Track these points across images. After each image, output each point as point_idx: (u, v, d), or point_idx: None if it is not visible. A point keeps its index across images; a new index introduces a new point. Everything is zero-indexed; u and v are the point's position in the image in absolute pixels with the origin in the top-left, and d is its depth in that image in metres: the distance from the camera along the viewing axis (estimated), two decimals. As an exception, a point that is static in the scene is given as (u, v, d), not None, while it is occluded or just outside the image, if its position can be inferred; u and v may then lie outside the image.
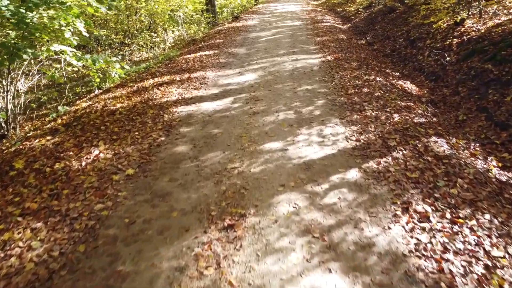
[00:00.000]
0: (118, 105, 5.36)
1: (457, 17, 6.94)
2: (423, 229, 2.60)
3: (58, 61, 6.51)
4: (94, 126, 4.56)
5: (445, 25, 7.56)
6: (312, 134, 4.16)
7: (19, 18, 4.06)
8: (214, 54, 8.65)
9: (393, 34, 9.45)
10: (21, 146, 4.16)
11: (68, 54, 4.80)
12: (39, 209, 2.87)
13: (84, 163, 3.59)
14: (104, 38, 11.75)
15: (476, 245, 2.45)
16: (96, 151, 3.83)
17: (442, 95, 5.71)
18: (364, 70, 6.67)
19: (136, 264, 2.36)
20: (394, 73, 7.03)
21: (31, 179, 3.33)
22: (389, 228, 2.63)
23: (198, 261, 2.36)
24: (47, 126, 4.93)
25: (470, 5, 7.29)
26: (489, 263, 2.30)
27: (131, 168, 3.51)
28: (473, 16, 7.37)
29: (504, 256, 2.37)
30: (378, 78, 6.17)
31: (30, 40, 4.72)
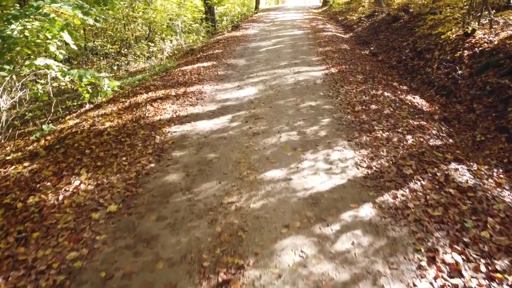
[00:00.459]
0: (107, 124, 4.96)
1: (468, 28, 6.57)
2: (456, 288, 2.18)
3: (45, 75, 6.13)
4: (78, 150, 4.14)
5: (454, 36, 7.20)
6: (318, 160, 3.75)
7: (-5, 32, 3.68)
8: (213, 66, 8.28)
9: (398, 45, 9.09)
10: (-4, 174, 3.75)
11: (54, 69, 4.41)
12: (1, 259, 2.45)
13: (62, 197, 3.17)
14: (100, 48, 11.41)
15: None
16: (77, 182, 3.41)
17: (456, 112, 5.32)
18: (371, 84, 6.28)
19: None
20: (402, 87, 6.64)
21: (-1, 217, 2.90)
22: (415, 286, 2.21)
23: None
24: (29, 148, 4.52)
25: (481, 15, 6.93)
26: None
27: (114, 204, 3.08)
28: (483, 27, 7.01)
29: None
30: (386, 93, 5.77)
31: (10, 56, 4.34)
